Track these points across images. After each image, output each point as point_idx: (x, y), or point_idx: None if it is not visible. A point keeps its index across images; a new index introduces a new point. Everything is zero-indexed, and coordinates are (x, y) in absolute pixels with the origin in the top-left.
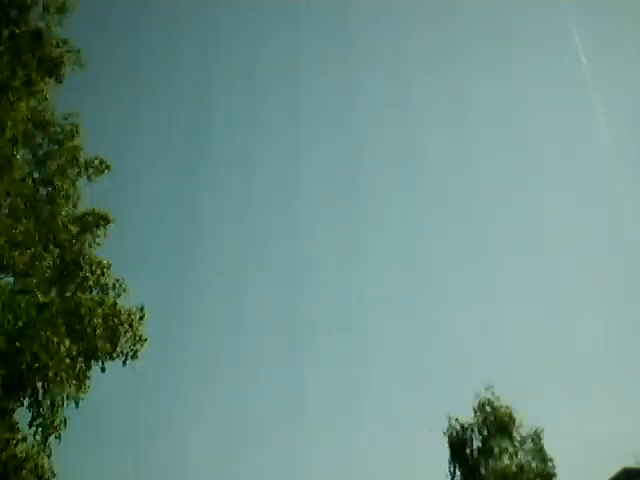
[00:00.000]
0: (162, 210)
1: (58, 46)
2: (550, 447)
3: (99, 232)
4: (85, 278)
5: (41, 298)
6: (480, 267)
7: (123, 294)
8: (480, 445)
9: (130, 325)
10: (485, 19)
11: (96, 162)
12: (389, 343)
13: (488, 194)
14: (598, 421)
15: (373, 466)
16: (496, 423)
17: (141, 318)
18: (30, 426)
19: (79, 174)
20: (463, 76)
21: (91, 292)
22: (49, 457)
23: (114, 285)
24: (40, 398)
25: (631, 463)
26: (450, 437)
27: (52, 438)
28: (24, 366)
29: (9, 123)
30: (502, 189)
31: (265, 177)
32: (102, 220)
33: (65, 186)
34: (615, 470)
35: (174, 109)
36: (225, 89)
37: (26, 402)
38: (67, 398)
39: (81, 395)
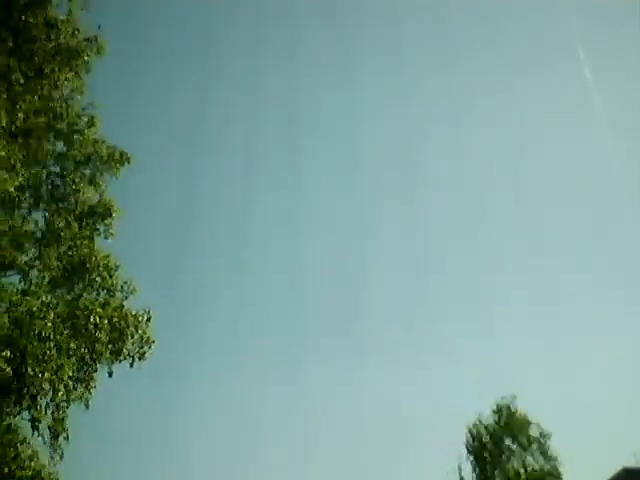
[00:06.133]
0: (162, 208)
1: (74, 35)
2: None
3: (107, 222)
4: (92, 280)
5: (46, 299)
6: (478, 262)
7: (131, 296)
8: (496, 447)
9: (136, 327)
10: (484, 27)
11: (117, 154)
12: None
13: (488, 194)
14: (598, 421)
15: (370, 464)
16: (512, 427)
17: (148, 320)
18: (32, 429)
19: (100, 167)
20: (464, 78)
21: (98, 294)
22: (61, 458)
23: (122, 287)
24: (42, 400)
25: (631, 463)
26: (468, 438)
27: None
28: (23, 369)
29: (19, 115)
30: (502, 189)
31: (265, 173)
32: (108, 211)
33: (77, 180)
34: (615, 470)
35: (173, 100)
36: (225, 84)
37: (25, 404)
38: (73, 400)
39: (88, 396)
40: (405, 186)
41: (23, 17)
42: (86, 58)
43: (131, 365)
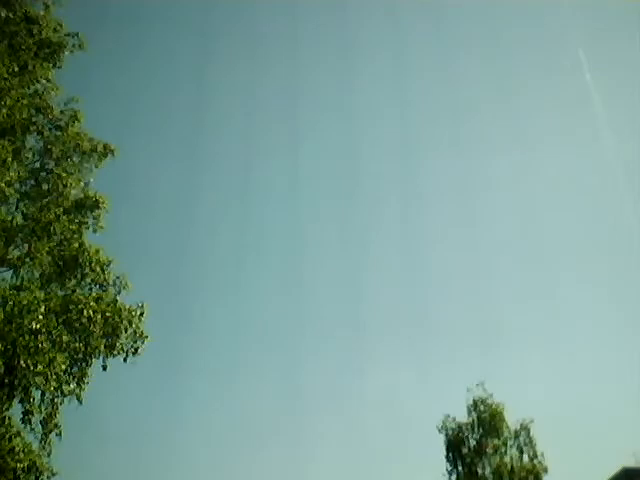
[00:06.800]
0: (159, 203)
1: (55, 30)
2: (550, 446)
3: (95, 214)
4: (85, 275)
5: (39, 294)
6: (478, 262)
7: (123, 291)
8: (475, 444)
9: (130, 322)
10: (485, 27)
11: (100, 147)
12: (385, 335)
13: (488, 193)
14: (598, 421)
15: (371, 464)
16: (489, 421)
17: (141, 315)
18: (23, 422)
19: (83, 160)
20: (464, 79)
21: (90, 289)
22: (49, 455)
23: (114, 282)
24: (35, 393)
25: (631, 463)
26: (447, 436)
27: (52, 435)
28: (16, 362)
29: (3, 110)
30: (502, 188)
31: (263, 177)
32: (96, 204)
33: (64, 174)
34: (615, 470)
35: (173, 101)
36: (225, 84)
37: (18, 398)
38: (66, 395)
39: (81, 392)
40: (406, 189)
41: (2, 13)
42: (68, 53)
43: (125, 360)
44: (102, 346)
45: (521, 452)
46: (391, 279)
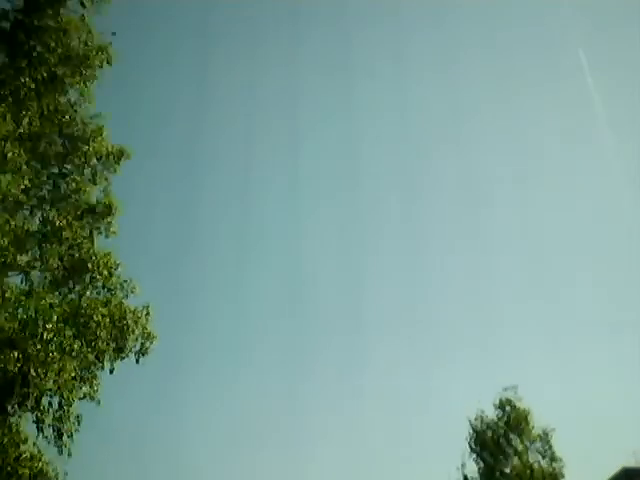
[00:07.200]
0: (159, 203)
1: (86, 44)
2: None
3: (107, 220)
4: (93, 278)
5: (48, 299)
6: (479, 262)
7: (131, 294)
8: (498, 444)
9: (137, 323)
10: (485, 28)
11: (116, 151)
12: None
13: (488, 192)
14: (598, 420)
15: (371, 464)
16: (514, 423)
17: (147, 315)
18: (38, 429)
19: (100, 165)
20: (464, 79)
21: (99, 293)
22: (69, 456)
23: (122, 285)
24: (45, 401)
25: (631, 463)
26: (475, 430)
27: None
28: (27, 370)
29: (24, 120)
30: (502, 188)
31: (263, 177)
32: (109, 210)
33: (79, 179)
34: (615, 470)
35: (173, 101)
36: (225, 84)
37: (29, 405)
38: (74, 400)
39: (94, 394)
40: (406, 189)
41: (37, 21)
42: (96, 65)
43: (137, 361)
44: (111, 350)
45: (542, 456)
46: (391, 279)
